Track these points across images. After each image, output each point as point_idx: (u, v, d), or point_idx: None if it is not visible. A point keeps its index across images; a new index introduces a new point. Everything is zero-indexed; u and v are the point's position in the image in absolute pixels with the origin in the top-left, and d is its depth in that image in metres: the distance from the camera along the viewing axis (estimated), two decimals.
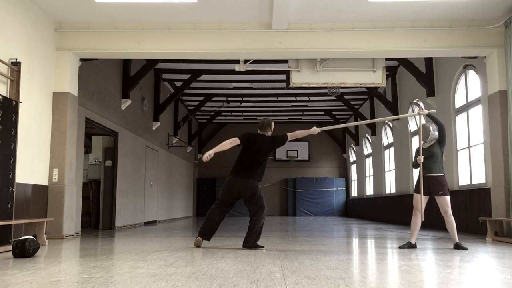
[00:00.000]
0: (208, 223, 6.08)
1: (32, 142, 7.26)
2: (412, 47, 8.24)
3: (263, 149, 6.06)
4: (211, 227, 6.08)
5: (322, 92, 15.80)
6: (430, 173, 6.07)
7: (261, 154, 6.06)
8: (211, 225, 6.08)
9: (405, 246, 6.09)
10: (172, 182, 17.19)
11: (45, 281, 3.48)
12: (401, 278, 3.67)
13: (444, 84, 10.59)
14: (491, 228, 7.44)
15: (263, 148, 6.06)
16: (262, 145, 6.06)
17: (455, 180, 9.98)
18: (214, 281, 3.44)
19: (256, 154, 6.05)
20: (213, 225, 6.08)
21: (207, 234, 6.10)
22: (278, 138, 6.16)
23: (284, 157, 22.88)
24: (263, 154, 6.07)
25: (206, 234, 6.09)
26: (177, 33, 8.30)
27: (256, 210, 6.00)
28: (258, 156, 6.05)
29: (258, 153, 6.05)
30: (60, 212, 7.75)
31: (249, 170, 6.01)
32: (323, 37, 8.31)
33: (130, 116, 12.27)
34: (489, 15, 7.90)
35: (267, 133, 6.22)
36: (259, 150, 6.05)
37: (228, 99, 17.65)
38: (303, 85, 9.14)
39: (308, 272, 3.90)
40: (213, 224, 6.08)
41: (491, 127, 8.10)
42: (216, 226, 6.11)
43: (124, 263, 4.51)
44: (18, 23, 6.93)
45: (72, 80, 8.21)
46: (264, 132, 6.21)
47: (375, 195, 17.01)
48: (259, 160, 6.05)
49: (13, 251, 5.06)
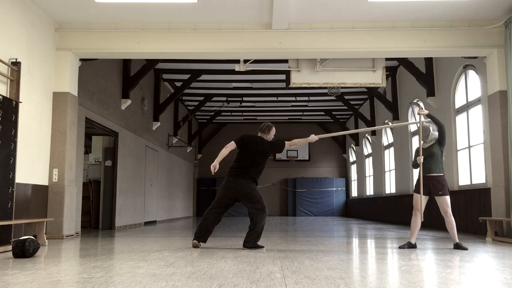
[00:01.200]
0: (203, 225, 6.09)
1: (32, 142, 7.26)
2: (412, 47, 8.24)
3: (258, 150, 6.07)
4: (206, 229, 6.08)
5: (322, 92, 15.80)
6: (430, 173, 6.07)
7: (257, 155, 6.07)
8: (207, 227, 6.07)
9: (405, 246, 6.09)
10: (172, 182, 17.19)
11: (45, 281, 3.48)
12: (401, 278, 3.67)
13: (444, 84, 10.59)
14: (491, 228, 7.44)
15: (259, 149, 6.07)
16: (257, 146, 6.08)
17: (455, 180, 9.98)
18: (214, 281, 3.44)
19: (252, 154, 6.07)
20: (208, 226, 6.07)
21: (202, 236, 6.09)
22: (275, 144, 6.19)
23: (284, 157, 22.87)
24: (259, 155, 6.08)
25: (201, 236, 6.09)
26: (177, 33, 8.30)
27: (256, 211, 5.99)
28: (254, 156, 6.06)
29: (254, 153, 6.07)
30: (60, 212, 7.75)
31: (243, 170, 6.03)
32: (323, 37, 8.31)
33: (130, 116, 12.27)
34: (489, 15, 7.90)
35: (266, 136, 6.23)
36: (255, 151, 6.06)
37: (228, 99, 17.65)
38: (303, 85, 9.14)
39: (308, 272, 3.90)
40: (208, 225, 6.07)
41: (491, 127, 8.10)
42: (212, 227, 6.11)
43: (124, 263, 4.51)
44: (18, 23, 6.93)
45: (72, 80, 8.21)
46: (263, 134, 6.24)
47: (375, 195, 17.01)
48: (255, 160, 6.06)
49: (13, 251, 5.06)
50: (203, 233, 6.08)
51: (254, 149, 6.07)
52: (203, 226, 6.08)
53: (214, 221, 6.09)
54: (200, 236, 6.08)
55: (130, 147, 12.09)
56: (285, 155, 22.87)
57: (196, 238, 6.07)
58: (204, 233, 6.08)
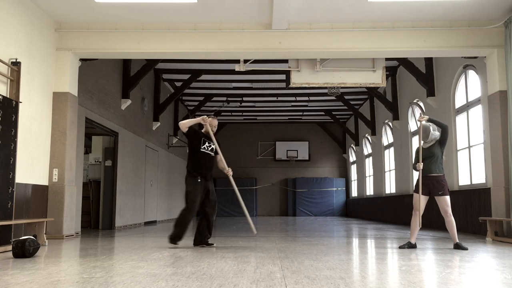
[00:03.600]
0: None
1: (32, 142, 7.26)
2: (412, 47, 8.24)
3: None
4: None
5: (322, 92, 15.80)
6: (430, 173, 6.06)
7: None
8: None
9: (405, 246, 6.09)
10: (172, 182, 17.19)
11: (45, 281, 3.48)
12: (401, 278, 3.67)
13: (444, 84, 10.59)
14: (491, 228, 7.44)
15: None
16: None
17: (455, 180, 9.98)
18: (214, 281, 3.44)
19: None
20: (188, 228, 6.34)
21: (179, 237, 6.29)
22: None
23: (284, 157, 22.88)
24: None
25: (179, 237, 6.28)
26: (177, 33, 8.30)
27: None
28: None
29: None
30: (60, 212, 7.75)
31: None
32: (323, 37, 8.30)
33: (130, 116, 12.27)
34: (489, 15, 7.90)
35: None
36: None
37: (228, 99, 17.64)
38: (303, 85, 9.14)
39: (308, 272, 3.90)
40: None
41: (491, 127, 8.10)
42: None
43: (124, 263, 4.51)
44: (18, 23, 6.93)
45: (72, 80, 8.21)
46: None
47: (375, 195, 17.01)
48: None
49: (13, 251, 5.06)
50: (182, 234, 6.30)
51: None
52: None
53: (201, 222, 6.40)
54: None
55: (130, 147, 12.09)
56: (285, 155, 22.87)
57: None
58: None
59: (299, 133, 23.39)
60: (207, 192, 6.27)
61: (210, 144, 6.33)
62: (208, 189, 6.27)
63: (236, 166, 18.76)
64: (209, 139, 6.33)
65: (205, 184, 6.24)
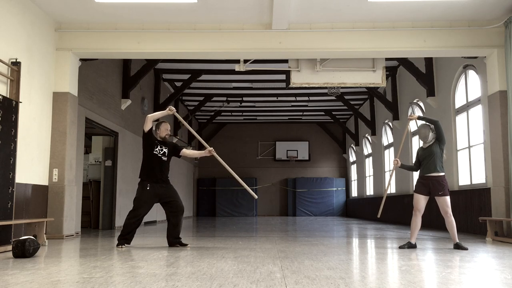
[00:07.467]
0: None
1: (32, 142, 7.26)
2: (412, 47, 8.24)
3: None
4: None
5: (322, 92, 15.80)
6: (430, 173, 6.05)
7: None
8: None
9: (405, 246, 6.09)
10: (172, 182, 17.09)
11: (45, 281, 3.48)
12: (401, 278, 3.67)
13: (444, 84, 10.59)
14: (491, 228, 7.44)
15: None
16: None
17: (455, 180, 9.98)
18: (214, 281, 3.44)
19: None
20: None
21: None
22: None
23: (284, 157, 22.87)
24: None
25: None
26: (177, 33, 8.29)
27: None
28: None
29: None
30: (60, 212, 7.75)
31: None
32: (323, 37, 8.30)
33: (130, 116, 12.27)
34: (489, 15, 7.90)
35: (156, 132, 6.51)
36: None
37: (228, 99, 17.64)
38: (303, 85, 9.14)
39: (308, 272, 3.90)
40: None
41: (491, 127, 8.10)
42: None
43: (124, 263, 4.51)
44: (18, 23, 6.93)
45: (72, 80, 8.21)
46: (156, 129, 6.58)
47: (375, 195, 17.01)
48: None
49: (13, 251, 5.06)
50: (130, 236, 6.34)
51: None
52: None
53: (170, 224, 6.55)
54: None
55: (130, 147, 12.09)
56: (285, 155, 22.87)
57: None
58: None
59: (299, 133, 23.39)
60: (164, 197, 6.37)
61: (162, 148, 6.36)
62: (164, 194, 6.38)
63: (236, 166, 18.72)
64: (163, 144, 6.36)
65: (157, 190, 6.31)
